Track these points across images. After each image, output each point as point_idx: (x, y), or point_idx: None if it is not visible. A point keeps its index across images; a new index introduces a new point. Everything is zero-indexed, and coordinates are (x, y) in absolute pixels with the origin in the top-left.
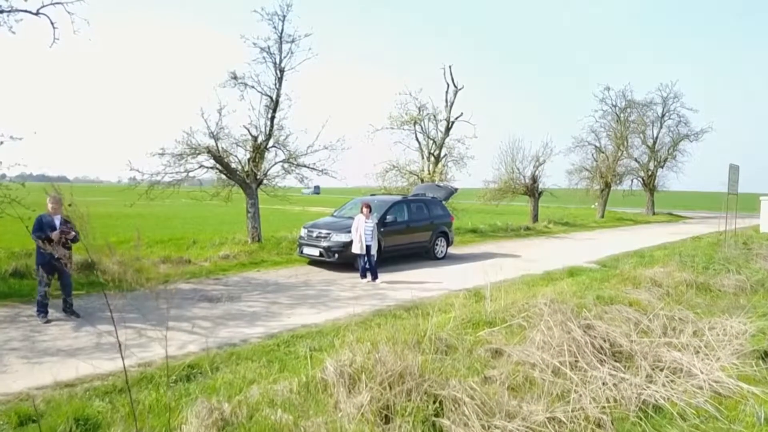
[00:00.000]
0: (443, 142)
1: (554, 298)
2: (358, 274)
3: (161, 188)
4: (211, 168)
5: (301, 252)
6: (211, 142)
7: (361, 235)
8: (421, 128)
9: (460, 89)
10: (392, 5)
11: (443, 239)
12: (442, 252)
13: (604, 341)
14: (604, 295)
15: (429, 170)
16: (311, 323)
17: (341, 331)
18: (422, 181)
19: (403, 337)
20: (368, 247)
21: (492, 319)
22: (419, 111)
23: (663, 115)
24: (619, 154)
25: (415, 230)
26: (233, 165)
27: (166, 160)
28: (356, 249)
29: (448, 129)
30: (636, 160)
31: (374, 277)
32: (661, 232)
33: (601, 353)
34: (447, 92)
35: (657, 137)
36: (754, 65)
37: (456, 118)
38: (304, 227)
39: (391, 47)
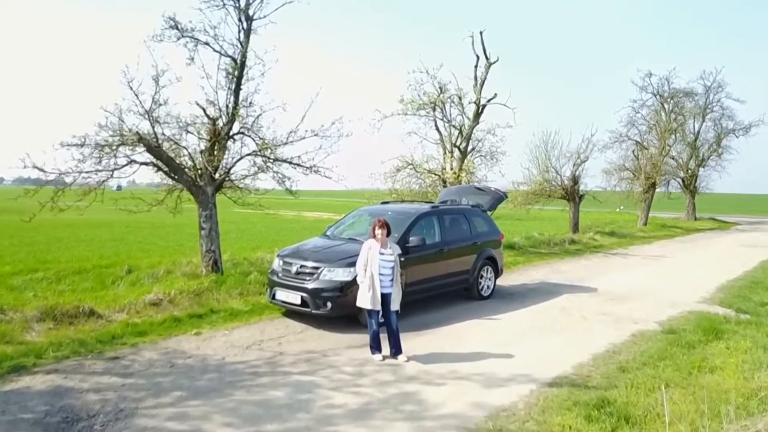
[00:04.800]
0: (471, 132)
1: None
2: (363, 336)
3: (81, 192)
4: (145, 164)
5: (273, 297)
6: (145, 126)
7: (374, 276)
8: (443, 114)
9: (494, 63)
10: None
11: (491, 268)
12: (489, 288)
13: None
14: None
15: (453, 168)
16: None
17: None
18: (444, 182)
19: None
20: (386, 298)
21: None
22: (440, 92)
23: (705, 107)
24: (666, 151)
25: (451, 256)
26: (180, 159)
27: (82, 154)
28: (365, 302)
29: (477, 114)
30: (673, 158)
31: (396, 351)
32: (731, 243)
33: None
34: (476, 67)
35: (699, 132)
36: None
37: (489, 101)
38: (279, 256)
39: (389, 46)
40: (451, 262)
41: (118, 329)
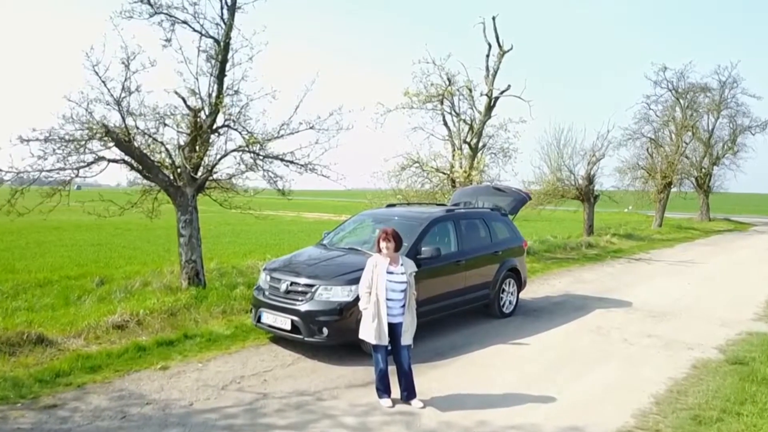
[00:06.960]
0: (483, 127)
1: None
2: (368, 369)
3: (44, 193)
4: (115, 161)
5: (259, 320)
6: (114, 117)
7: (380, 301)
8: (451, 107)
9: (507, 51)
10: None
11: (513, 281)
12: (511, 303)
13: None
14: None
15: (463, 166)
16: None
17: None
18: (453, 182)
19: None
20: (395, 329)
21: None
22: (448, 83)
23: (720, 103)
24: (682, 149)
25: (469, 268)
26: (159, 156)
27: (43, 150)
28: (369, 335)
29: (489, 108)
30: (687, 156)
31: (408, 395)
32: (757, 246)
33: None
34: (488, 56)
35: (713, 129)
36: None
37: (502, 92)
38: (266, 270)
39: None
40: (470, 275)
41: (66, 363)
